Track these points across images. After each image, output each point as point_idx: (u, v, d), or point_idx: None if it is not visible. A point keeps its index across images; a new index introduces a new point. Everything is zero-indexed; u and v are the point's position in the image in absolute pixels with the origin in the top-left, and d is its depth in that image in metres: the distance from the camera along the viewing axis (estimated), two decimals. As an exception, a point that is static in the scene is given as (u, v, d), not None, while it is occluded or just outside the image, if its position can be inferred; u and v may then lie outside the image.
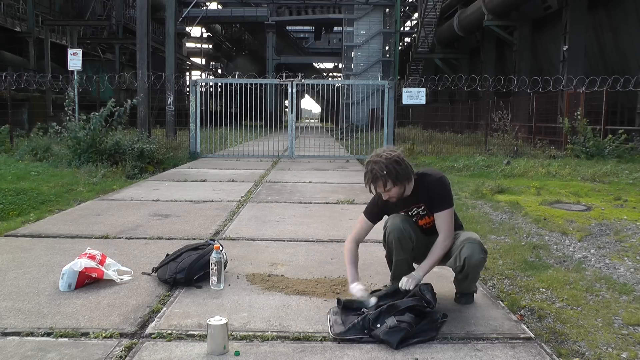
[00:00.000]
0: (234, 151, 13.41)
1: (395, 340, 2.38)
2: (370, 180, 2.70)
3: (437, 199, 2.80)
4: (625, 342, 2.52)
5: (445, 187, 2.81)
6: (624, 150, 11.48)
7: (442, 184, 2.80)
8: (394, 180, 2.66)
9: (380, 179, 2.66)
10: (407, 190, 2.79)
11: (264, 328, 2.57)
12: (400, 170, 2.66)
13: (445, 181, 2.83)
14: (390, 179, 2.65)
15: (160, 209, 5.70)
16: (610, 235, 4.58)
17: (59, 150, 9.79)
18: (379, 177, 2.65)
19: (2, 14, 23.95)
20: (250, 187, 7.50)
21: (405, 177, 2.70)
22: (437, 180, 2.81)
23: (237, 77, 13.42)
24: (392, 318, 2.46)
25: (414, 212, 2.91)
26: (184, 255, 3.26)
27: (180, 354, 2.30)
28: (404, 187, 2.75)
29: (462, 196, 6.78)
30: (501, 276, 3.55)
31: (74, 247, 3.96)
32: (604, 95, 12.47)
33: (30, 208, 5.58)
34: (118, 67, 28.64)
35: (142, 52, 13.97)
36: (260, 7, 39.48)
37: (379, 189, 2.71)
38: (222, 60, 52.96)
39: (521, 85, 13.47)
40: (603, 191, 6.93)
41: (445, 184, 2.82)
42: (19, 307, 2.79)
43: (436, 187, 2.80)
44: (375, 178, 2.67)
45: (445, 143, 15.75)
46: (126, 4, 33.20)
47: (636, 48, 16.17)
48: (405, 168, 2.69)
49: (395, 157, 2.67)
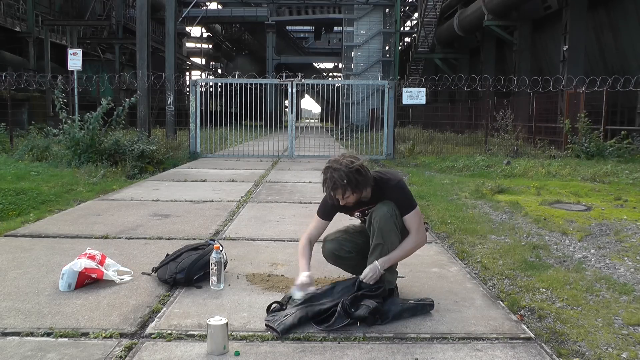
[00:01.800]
0: (234, 151, 13.41)
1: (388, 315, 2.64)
2: (330, 188, 2.71)
3: (400, 205, 2.81)
4: (625, 342, 2.52)
5: (403, 191, 2.84)
6: (625, 150, 11.48)
7: (400, 188, 2.83)
8: (353, 189, 2.68)
9: (340, 188, 2.67)
10: (364, 196, 2.81)
11: (264, 328, 2.56)
12: (360, 180, 2.67)
13: (402, 185, 2.86)
14: (350, 187, 2.67)
15: (160, 209, 5.70)
16: (611, 235, 4.58)
17: (59, 150, 9.79)
18: (339, 186, 2.66)
19: (2, 14, 23.95)
20: (250, 187, 7.50)
21: (365, 185, 2.73)
22: (395, 186, 2.82)
23: (237, 77, 13.43)
24: (369, 300, 2.64)
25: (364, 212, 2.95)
26: (184, 256, 3.25)
27: (180, 354, 2.30)
28: (362, 193, 2.78)
29: (462, 196, 6.77)
30: (501, 276, 3.55)
31: (73, 247, 3.96)
32: (604, 95, 12.48)
33: (30, 208, 5.58)
34: (118, 67, 28.64)
35: (142, 52, 13.97)
36: (260, 7, 39.49)
37: (338, 196, 2.74)
38: (222, 60, 52.96)
39: (521, 85, 13.47)
40: (603, 191, 6.93)
41: (403, 188, 2.86)
42: (18, 307, 2.79)
43: (395, 193, 2.81)
44: (335, 187, 2.68)
45: (446, 143, 15.75)
46: (126, 4, 33.20)
47: (636, 48, 16.17)
48: (365, 176, 2.70)
49: (356, 167, 2.67)
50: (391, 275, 2.91)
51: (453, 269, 3.62)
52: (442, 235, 4.72)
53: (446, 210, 5.74)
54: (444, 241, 4.52)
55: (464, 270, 3.63)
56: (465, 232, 4.73)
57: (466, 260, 3.93)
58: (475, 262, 3.87)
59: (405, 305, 2.74)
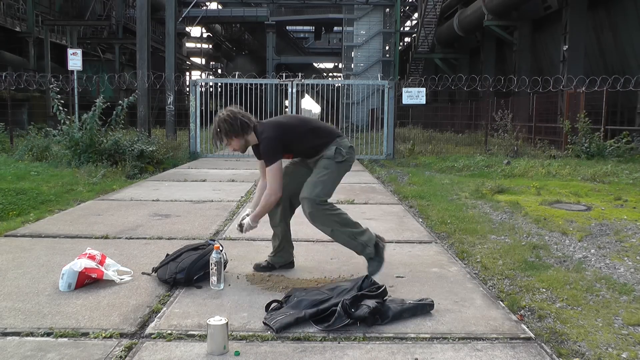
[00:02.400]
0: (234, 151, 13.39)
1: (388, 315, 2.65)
2: (212, 137, 3.25)
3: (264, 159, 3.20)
4: (625, 342, 2.52)
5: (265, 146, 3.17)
6: (625, 150, 11.48)
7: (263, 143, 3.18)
8: (227, 134, 3.16)
9: (216, 136, 3.22)
10: (250, 141, 3.24)
11: (264, 328, 2.56)
12: (229, 127, 3.14)
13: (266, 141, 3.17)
14: (223, 134, 3.17)
15: (160, 209, 5.70)
16: (611, 235, 4.58)
17: (58, 150, 9.78)
18: (215, 135, 3.21)
19: (2, 14, 23.95)
20: (250, 187, 7.49)
21: (237, 131, 3.16)
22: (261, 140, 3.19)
23: (237, 77, 13.42)
24: (370, 300, 2.67)
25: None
26: (184, 256, 3.26)
27: (180, 354, 2.30)
28: (243, 139, 3.21)
29: (462, 196, 6.77)
30: (501, 276, 3.55)
31: (74, 247, 3.96)
32: (604, 95, 12.47)
33: (30, 208, 5.58)
34: (118, 67, 28.62)
35: (142, 52, 13.97)
36: (260, 7, 39.47)
37: (219, 144, 3.26)
38: (222, 60, 52.93)
39: (521, 85, 13.47)
40: (603, 191, 6.93)
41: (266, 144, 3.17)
42: (18, 307, 2.79)
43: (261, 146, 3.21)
44: (213, 136, 3.23)
45: (446, 143, 15.74)
46: (126, 4, 33.18)
47: (636, 48, 16.17)
48: (234, 124, 3.14)
49: (225, 116, 3.16)
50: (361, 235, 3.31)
51: (453, 269, 3.62)
52: (442, 235, 4.72)
53: (446, 210, 5.73)
54: (444, 241, 4.52)
55: (464, 270, 3.63)
56: (465, 232, 4.73)
57: (466, 260, 3.93)
58: (475, 262, 3.87)
59: (405, 305, 2.74)
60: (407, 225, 5.08)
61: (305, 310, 2.62)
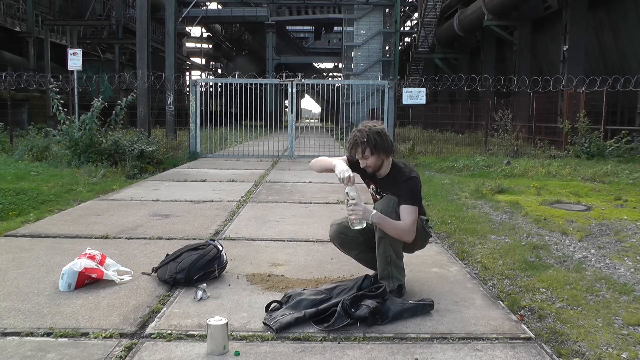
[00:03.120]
0: (234, 151, 13.41)
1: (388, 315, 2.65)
2: (351, 146, 2.92)
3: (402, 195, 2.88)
4: (625, 342, 2.52)
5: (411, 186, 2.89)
6: (625, 150, 11.49)
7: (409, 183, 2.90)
8: (372, 148, 2.85)
9: (360, 145, 2.87)
10: (383, 167, 2.95)
11: (264, 328, 2.56)
12: (379, 141, 2.85)
13: (413, 181, 2.91)
14: (369, 147, 2.85)
15: (160, 209, 5.70)
16: (611, 235, 4.57)
17: (58, 150, 9.78)
18: (359, 143, 2.86)
19: (2, 14, 23.95)
20: (250, 187, 7.50)
21: (383, 148, 2.88)
22: (406, 179, 2.91)
23: (237, 77, 13.42)
24: (369, 300, 2.65)
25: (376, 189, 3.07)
26: (184, 256, 3.26)
27: (180, 354, 2.30)
28: (382, 160, 2.92)
29: (462, 196, 6.77)
30: (501, 276, 3.55)
31: (73, 247, 3.96)
32: (604, 95, 12.47)
33: (30, 208, 5.58)
34: (118, 67, 28.62)
35: (142, 52, 13.96)
36: (260, 7, 39.46)
37: (358, 155, 2.91)
38: (222, 60, 52.95)
39: (521, 85, 13.46)
40: (603, 191, 6.93)
41: (413, 184, 2.90)
42: (18, 307, 2.79)
43: (403, 185, 2.90)
44: (355, 144, 2.89)
45: (446, 143, 15.74)
46: (126, 4, 33.18)
47: (636, 48, 16.17)
48: (385, 141, 2.87)
49: (378, 129, 2.88)
50: (398, 272, 2.92)
51: (453, 269, 3.62)
52: (442, 235, 4.72)
53: (446, 210, 5.73)
54: (444, 241, 4.51)
55: (464, 270, 3.63)
56: (465, 232, 4.73)
57: (466, 260, 3.93)
58: (475, 262, 3.87)
59: (405, 305, 2.74)
60: (407, 225, 5.07)
61: (305, 310, 2.62)
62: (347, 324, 2.54)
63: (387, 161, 2.95)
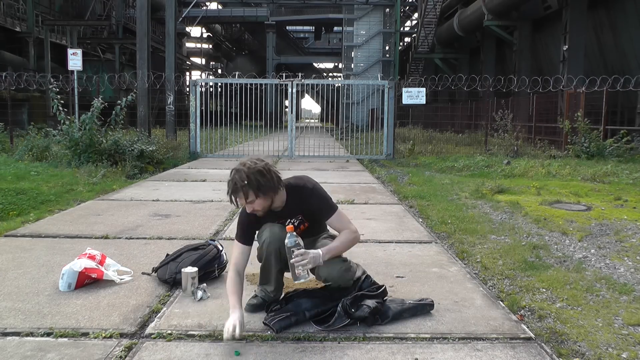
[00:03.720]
0: (234, 151, 13.41)
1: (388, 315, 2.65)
2: (231, 191, 2.51)
3: (319, 210, 2.70)
4: (625, 342, 2.52)
5: (321, 195, 2.71)
6: (624, 150, 11.49)
7: (316, 193, 2.70)
8: (255, 191, 2.49)
9: (240, 190, 2.48)
10: (275, 203, 2.63)
11: (264, 328, 2.56)
12: (263, 182, 2.49)
13: (318, 189, 2.71)
14: (251, 190, 2.48)
15: (160, 209, 5.70)
16: (611, 235, 4.57)
17: (58, 150, 9.78)
18: (239, 187, 2.47)
19: (2, 14, 23.95)
20: (250, 187, 7.48)
21: (270, 188, 2.53)
22: (311, 193, 2.69)
23: (237, 77, 13.43)
24: (370, 300, 2.64)
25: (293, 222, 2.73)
26: (184, 255, 3.26)
27: (180, 354, 2.30)
28: (271, 199, 2.58)
29: (462, 196, 6.77)
30: (501, 276, 3.55)
31: (74, 247, 3.96)
32: (604, 95, 12.47)
33: (30, 208, 5.58)
34: (118, 67, 28.63)
35: (142, 52, 13.97)
36: (260, 7, 39.50)
37: (240, 200, 2.53)
38: (222, 60, 52.96)
39: (521, 85, 13.46)
40: (603, 191, 6.93)
41: (319, 192, 2.71)
42: (18, 307, 2.79)
43: (313, 199, 2.69)
44: (235, 188, 2.49)
45: (446, 143, 15.75)
46: (126, 4, 33.19)
47: (636, 48, 16.17)
48: (269, 179, 2.51)
49: (259, 167, 2.50)
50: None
51: (453, 269, 3.62)
52: (442, 235, 4.72)
53: (446, 210, 5.73)
54: (444, 241, 4.51)
55: (464, 270, 3.63)
56: (465, 232, 4.73)
57: (466, 260, 3.93)
58: (475, 262, 3.87)
59: (405, 305, 2.74)
60: (407, 225, 5.07)
61: (305, 310, 2.62)
62: (347, 324, 2.54)
63: (277, 196, 2.61)
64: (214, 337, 2.47)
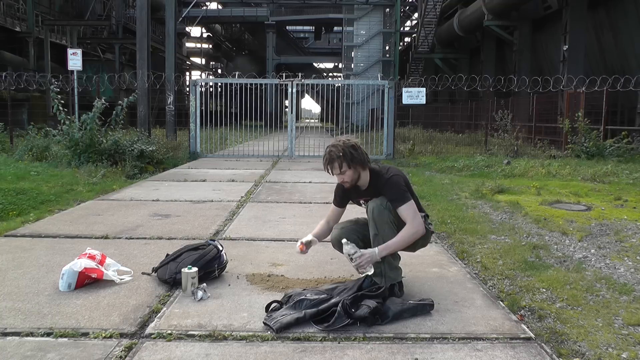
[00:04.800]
0: (234, 151, 13.41)
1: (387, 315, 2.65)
2: (327, 162, 2.93)
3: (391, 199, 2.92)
4: (625, 342, 2.52)
5: (393, 186, 2.92)
6: (625, 150, 11.48)
7: (390, 184, 2.93)
8: (348, 162, 2.88)
9: (336, 160, 2.89)
10: (361, 179, 2.99)
11: (264, 328, 2.56)
12: (355, 155, 2.89)
13: (393, 180, 2.93)
14: (345, 160, 2.88)
15: (160, 209, 5.69)
16: (611, 235, 4.57)
17: (58, 150, 9.79)
18: (335, 158, 2.88)
19: (2, 14, 23.95)
20: (250, 187, 7.49)
21: (359, 161, 2.91)
22: (386, 181, 2.95)
23: (237, 77, 13.42)
24: (370, 300, 2.67)
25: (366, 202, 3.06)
26: (184, 255, 3.26)
27: (180, 354, 2.30)
28: (358, 172, 2.96)
29: (462, 196, 6.77)
30: (501, 276, 3.55)
31: (74, 247, 3.96)
32: (604, 95, 12.47)
33: (30, 208, 5.58)
34: (118, 67, 28.64)
35: (142, 52, 13.97)
36: (260, 7, 39.51)
37: (335, 170, 2.93)
38: (222, 60, 52.97)
39: (521, 85, 13.46)
40: (603, 191, 6.93)
41: (394, 183, 2.93)
42: (18, 307, 2.79)
43: (386, 188, 2.93)
44: (331, 159, 2.90)
45: (446, 143, 15.74)
46: (126, 4, 33.19)
47: (636, 48, 16.17)
48: (360, 154, 2.91)
49: (352, 143, 2.92)
50: (392, 271, 2.93)
51: (453, 269, 3.62)
52: (442, 235, 4.72)
53: (446, 210, 5.73)
54: (444, 241, 4.51)
55: (464, 270, 3.63)
56: (465, 232, 4.73)
57: (466, 260, 3.93)
58: (475, 262, 3.87)
59: (405, 305, 2.74)
60: (407, 225, 5.07)
61: (305, 310, 2.62)
62: (347, 324, 2.54)
63: (364, 173, 2.99)
64: (214, 337, 2.47)
